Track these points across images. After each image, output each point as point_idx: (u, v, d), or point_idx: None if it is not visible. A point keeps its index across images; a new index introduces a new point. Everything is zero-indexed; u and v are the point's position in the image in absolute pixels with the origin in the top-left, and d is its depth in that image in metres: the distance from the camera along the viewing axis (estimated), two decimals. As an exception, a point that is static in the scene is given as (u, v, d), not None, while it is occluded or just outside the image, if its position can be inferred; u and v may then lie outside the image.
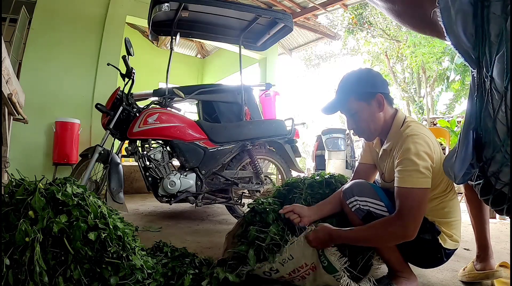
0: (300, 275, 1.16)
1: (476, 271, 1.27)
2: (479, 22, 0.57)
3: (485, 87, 0.61)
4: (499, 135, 0.60)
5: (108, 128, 2.15)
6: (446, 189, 1.15)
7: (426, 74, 9.16)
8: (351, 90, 1.18)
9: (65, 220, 0.95)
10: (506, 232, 2.29)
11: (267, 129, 2.53)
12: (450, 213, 1.16)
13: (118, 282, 0.98)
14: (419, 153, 1.03)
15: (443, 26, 0.62)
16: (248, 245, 1.21)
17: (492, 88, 0.58)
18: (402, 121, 1.17)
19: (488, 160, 0.65)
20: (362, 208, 1.15)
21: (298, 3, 5.50)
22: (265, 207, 1.32)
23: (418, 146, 1.04)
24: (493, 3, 0.54)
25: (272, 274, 1.17)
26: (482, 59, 0.59)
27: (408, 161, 1.03)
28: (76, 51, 3.93)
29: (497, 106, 0.58)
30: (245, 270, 1.15)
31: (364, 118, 1.18)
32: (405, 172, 1.04)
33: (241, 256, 1.21)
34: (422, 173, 1.02)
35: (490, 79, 0.58)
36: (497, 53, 0.55)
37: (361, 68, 1.24)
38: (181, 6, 2.38)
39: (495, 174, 0.64)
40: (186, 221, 2.47)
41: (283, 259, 1.13)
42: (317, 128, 8.97)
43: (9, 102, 1.69)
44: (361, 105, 1.16)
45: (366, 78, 1.18)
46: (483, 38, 0.57)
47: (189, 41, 7.88)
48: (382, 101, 1.15)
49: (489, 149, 0.64)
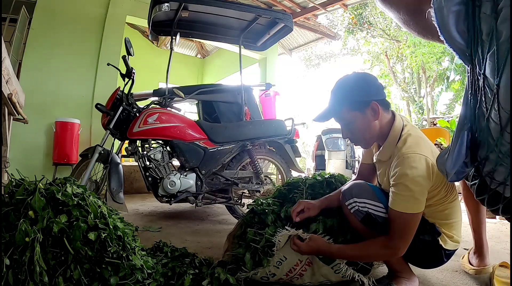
0: (297, 273, 1.17)
1: (470, 265, 1.35)
2: (470, 21, 0.57)
3: (478, 85, 0.62)
4: (492, 134, 0.61)
5: (108, 128, 2.15)
6: (446, 194, 1.14)
7: (426, 74, 9.16)
8: (344, 99, 1.13)
9: (65, 220, 0.95)
10: (506, 232, 2.29)
11: (267, 129, 2.53)
12: (451, 215, 1.15)
13: (118, 282, 0.98)
14: (415, 179, 1.01)
15: (437, 25, 0.62)
16: (246, 248, 1.21)
17: (485, 86, 0.59)
18: (399, 133, 1.13)
19: (482, 159, 0.65)
20: (361, 210, 1.14)
21: (298, 3, 5.50)
22: (264, 208, 1.32)
23: (414, 171, 1.01)
24: (484, 3, 0.55)
25: (270, 278, 1.17)
26: (475, 57, 0.60)
27: (404, 186, 1.02)
28: (76, 51, 3.92)
29: (490, 104, 0.59)
30: (243, 276, 1.16)
31: (359, 127, 1.14)
32: (399, 196, 1.04)
33: (239, 258, 1.21)
34: (416, 199, 1.02)
35: (483, 77, 0.58)
36: (489, 51, 0.55)
37: (355, 73, 1.19)
38: (181, 6, 2.38)
39: (489, 173, 0.64)
40: (186, 221, 2.47)
41: (277, 261, 1.14)
42: (317, 128, 8.97)
43: (9, 102, 1.69)
44: (355, 115, 1.12)
45: (359, 86, 1.13)
46: (475, 37, 0.58)
47: (189, 41, 7.88)
48: (377, 109, 1.11)
49: (484, 149, 0.64)
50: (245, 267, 1.16)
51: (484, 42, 0.56)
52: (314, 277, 1.18)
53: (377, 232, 1.11)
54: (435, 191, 1.10)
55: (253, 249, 1.19)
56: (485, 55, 0.57)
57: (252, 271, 1.15)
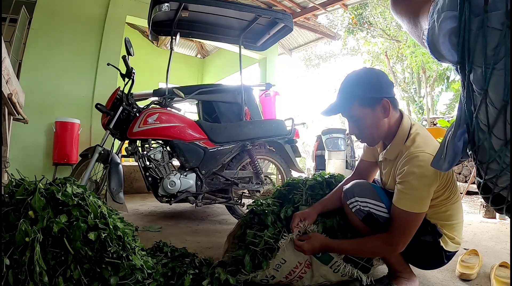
0: (297, 276, 1.17)
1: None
2: (466, 36, 0.58)
3: (475, 99, 0.62)
4: (494, 146, 0.60)
5: (108, 128, 2.15)
6: (450, 195, 1.13)
7: (426, 74, 9.14)
8: (355, 94, 1.10)
9: (65, 220, 0.95)
10: (506, 232, 2.29)
11: (267, 129, 2.53)
12: (453, 216, 1.14)
13: (118, 282, 0.98)
14: (422, 178, 1.00)
15: (427, 45, 0.64)
16: (245, 249, 1.21)
17: (488, 103, 0.58)
18: (408, 132, 1.11)
19: (482, 164, 0.65)
20: (363, 209, 1.14)
21: (298, 3, 5.49)
22: (263, 208, 1.32)
23: (422, 170, 1.00)
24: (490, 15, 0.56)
25: (270, 281, 1.17)
26: (470, 71, 0.60)
27: (410, 185, 1.01)
28: (76, 51, 3.92)
29: (492, 120, 0.58)
30: (243, 278, 1.15)
31: (368, 125, 1.11)
32: (405, 195, 1.03)
33: (239, 260, 1.21)
34: (421, 199, 1.02)
35: (484, 93, 0.58)
36: (495, 65, 0.55)
37: (366, 69, 1.15)
38: (181, 6, 2.38)
39: (491, 179, 0.64)
40: (186, 221, 2.47)
41: (276, 264, 1.14)
42: (317, 128, 8.96)
43: (9, 102, 1.69)
44: (366, 111, 1.09)
45: (372, 81, 1.10)
46: (469, 53, 0.58)
47: (189, 41, 7.88)
48: (388, 106, 1.08)
49: (484, 155, 0.64)
50: (244, 270, 1.16)
51: (488, 56, 0.57)
52: (314, 278, 1.18)
53: (378, 231, 1.11)
54: (440, 192, 1.09)
55: (253, 251, 1.19)
56: (488, 72, 0.56)
57: (251, 274, 1.15)
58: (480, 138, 0.63)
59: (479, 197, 3.89)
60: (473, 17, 0.56)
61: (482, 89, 0.57)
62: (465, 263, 1.46)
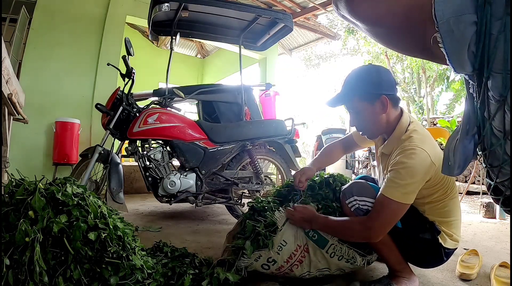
0: (296, 260, 1.18)
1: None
2: (486, 41, 0.56)
3: (489, 105, 0.60)
4: (507, 151, 0.60)
5: (108, 128, 2.15)
6: (447, 191, 1.14)
7: (426, 74, 9.14)
8: (356, 89, 1.17)
9: (65, 220, 0.95)
10: (506, 232, 2.29)
11: (267, 129, 2.53)
12: (451, 213, 1.16)
13: (118, 282, 0.98)
14: (411, 169, 1.02)
15: (445, 52, 0.59)
16: (245, 239, 1.22)
17: (506, 110, 0.57)
18: (405, 128, 1.15)
19: (494, 168, 0.65)
20: (361, 208, 1.15)
21: (298, 3, 5.49)
22: (264, 205, 1.32)
23: (412, 162, 1.03)
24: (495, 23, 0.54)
25: (270, 266, 1.18)
26: (487, 78, 0.58)
27: (398, 174, 1.04)
28: (76, 51, 3.92)
29: (509, 127, 0.57)
30: (243, 263, 1.16)
31: (367, 118, 1.17)
32: (391, 183, 1.05)
33: (239, 249, 1.22)
34: (407, 189, 1.03)
35: (503, 100, 0.57)
36: None
37: (370, 65, 1.22)
38: (181, 6, 2.38)
39: (503, 182, 0.64)
40: (186, 221, 2.47)
41: (277, 246, 1.16)
42: (317, 128, 8.97)
43: (9, 102, 1.69)
44: (365, 105, 1.16)
45: (372, 78, 1.16)
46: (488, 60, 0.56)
47: (189, 41, 7.88)
48: (386, 103, 1.13)
49: (496, 159, 0.63)
50: (245, 256, 1.17)
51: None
52: (313, 263, 1.18)
53: None
54: (436, 187, 1.11)
55: (253, 237, 1.20)
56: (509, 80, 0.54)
57: (254, 255, 1.16)
58: (493, 143, 0.62)
59: (479, 197, 3.89)
60: (494, 20, 0.54)
61: (502, 96, 0.55)
62: (465, 263, 1.46)
